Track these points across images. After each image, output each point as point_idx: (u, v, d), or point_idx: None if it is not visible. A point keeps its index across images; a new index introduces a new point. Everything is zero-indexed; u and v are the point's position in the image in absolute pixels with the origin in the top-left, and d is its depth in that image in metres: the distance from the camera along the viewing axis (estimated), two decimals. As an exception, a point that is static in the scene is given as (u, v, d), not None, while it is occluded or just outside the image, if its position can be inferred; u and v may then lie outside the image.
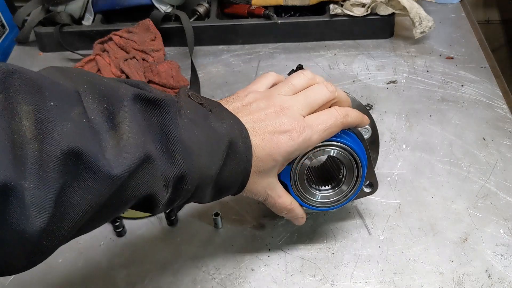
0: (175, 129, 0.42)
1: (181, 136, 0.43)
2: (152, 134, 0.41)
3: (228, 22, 1.00)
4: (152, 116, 0.42)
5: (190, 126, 0.44)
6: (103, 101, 0.39)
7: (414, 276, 0.61)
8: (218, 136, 0.46)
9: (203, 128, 0.46)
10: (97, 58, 0.87)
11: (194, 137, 0.44)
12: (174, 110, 0.43)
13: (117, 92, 0.40)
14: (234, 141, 0.48)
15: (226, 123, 0.48)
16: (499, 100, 0.85)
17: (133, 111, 0.40)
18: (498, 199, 0.69)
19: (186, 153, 0.43)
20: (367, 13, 0.96)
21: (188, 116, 0.45)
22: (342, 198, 0.61)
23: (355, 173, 0.59)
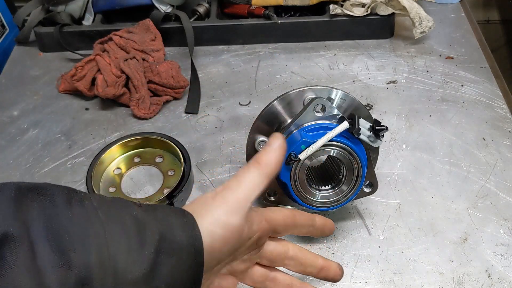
0: (65, 219, 0.34)
1: (77, 227, 0.34)
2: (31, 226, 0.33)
3: (228, 22, 1.00)
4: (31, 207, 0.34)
5: (94, 215, 0.35)
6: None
7: (414, 276, 0.61)
8: (140, 225, 0.37)
9: (117, 218, 0.36)
10: (97, 58, 0.87)
11: (99, 228, 0.35)
12: (66, 199, 0.35)
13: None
14: (169, 230, 0.38)
15: (160, 212, 0.39)
16: (499, 100, 0.85)
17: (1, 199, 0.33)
18: (498, 199, 0.69)
19: (85, 248, 0.33)
20: (367, 13, 0.96)
21: (94, 206, 0.36)
22: (342, 198, 0.61)
23: (355, 173, 0.59)
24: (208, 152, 0.79)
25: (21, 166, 0.78)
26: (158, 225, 0.38)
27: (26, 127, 0.85)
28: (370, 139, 0.58)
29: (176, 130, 0.83)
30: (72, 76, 0.88)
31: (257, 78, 0.92)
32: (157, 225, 0.38)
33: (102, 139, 0.82)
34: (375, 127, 0.57)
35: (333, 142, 0.56)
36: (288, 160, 0.56)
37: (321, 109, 0.59)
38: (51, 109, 0.89)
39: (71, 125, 0.85)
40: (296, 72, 0.93)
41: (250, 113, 0.85)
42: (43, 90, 0.93)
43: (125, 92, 0.86)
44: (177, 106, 0.88)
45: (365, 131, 0.57)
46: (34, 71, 0.97)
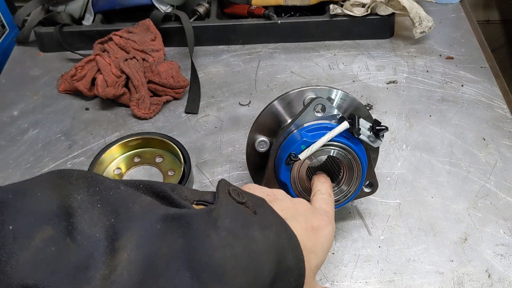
0: (208, 250, 0.34)
1: (215, 258, 0.34)
2: (170, 263, 0.33)
3: (228, 22, 1.00)
4: (175, 239, 0.33)
5: (227, 241, 0.35)
6: (111, 214, 0.32)
7: (414, 276, 0.61)
8: (263, 250, 0.37)
9: (245, 241, 0.36)
10: (97, 58, 0.87)
11: (232, 256, 0.35)
12: (206, 225, 0.35)
13: (131, 206, 0.33)
14: (282, 253, 0.39)
15: (273, 231, 0.39)
16: (499, 100, 0.85)
17: (145, 235, 0.32)
18: (498, 199, 0.69)
19: (222, 280, 0.34)
20: (367, 13, 0.96)
21: (227, 227, 0.36)
22: (342, 198, 0.61)
23: (355, 173, 0.59)
24: (208, 152, 0.79)
25: (21, 166, 0.78)
26: (275, 250, 0.38)
27: (26, 127, 0.85)
28: (370, 139, 0.58)
29: (176, 130, 0.83)
30: (72, 76, 0.88)
31: (257, 78, 0.92)
32: (274, 250, 0.38)
33: (102, 139, 0.82)
34: (375, 127, 0.57)
35: (333, 142, 0.56)
36: (288, 160, 0.56)
37: (321, 109, 0.59)
38: (51, 109, 0.89)
39: (71, 125, 0.85)
40: (296, 72, 0.93)
41: (250, 113, 0.85)
42: (43, 90, 0.93)
43: (125, 92, 0.86)
44: (177, 106, 0.88)
45: (365, 131, 0.57)
46: (34, 71, 0.97)
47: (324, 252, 0.46)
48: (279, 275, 0.38)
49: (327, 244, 0.46)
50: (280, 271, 0.38)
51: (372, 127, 0.57)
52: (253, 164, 0.66)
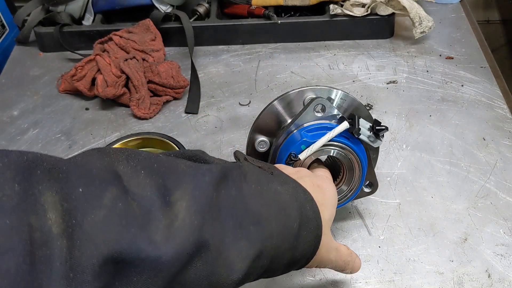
0: (244, 199, 0.39)
1: (251, 206, 0.39)
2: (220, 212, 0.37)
3: (228, 22, 1.00)
4: (220, 191, 0.38)
5: (257, 191, 0.41)
6: (158, 177, 0.35)
7: (414, 276, 0.61)
8: (287, 202, 0.43)
9: (271, 193, 0.42)
10: (97, 58, 0.87)
11: (264, 204, 0.40)
12: (239, 178, 0.40)
13: (175, 168, 0.37)
14: (302, 205, 0.44)
15: (290, 186, 0.45)
16: (499, 100, 0.85)
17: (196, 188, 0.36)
18: (498, 199, 0.69)
19: (260, 223, 0.39)
20: (367, 13, 0.96)
21: (254, 181, 0.41)
22: (342, 198, 0.61)
23: (355, 173, 0.59)
24: (208, 152, 0.79)
25: (21, 166, 0.78)
26: (295, 203, 0.43)
27: (26, 127, 0.85)
28: (370, 139, 0.58)
29: (176, 130, 0.83)
30: (72, 76, 0.88)
31: (257, 78, 0.92)
32: (295, 202, 0.43)
33: (102, 139, 0.82)
34: (375, 127, 0.57)
35: (333, 142, 0.56)
36: (288, 160, 0.56)
37: (321, 109, 0.59)
38: (51, 109, 0.89)
39: (71, 125, 0.85)
40: (296, 72, 0.93)
41: (250, 113, 0.85)
42: (43, 90, 0.93)
43: (125, 92, 0.86)
44: (177, 106, 0.88)
45: (365, 131, 0.57)
46: (34, 71, 0.97)
47: (333, 205, 0.50)
48: (303, 224, 0.43)
49: (333, 198, 0.51)
50: (303, 220, 0.43)
51: (372, 127, 0.57)
52: None
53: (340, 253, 0.51)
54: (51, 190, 0.30)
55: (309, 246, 0.44)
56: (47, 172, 0.30)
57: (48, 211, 0.29)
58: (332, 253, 0.50)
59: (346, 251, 0.52)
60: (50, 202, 0.29)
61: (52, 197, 0.29)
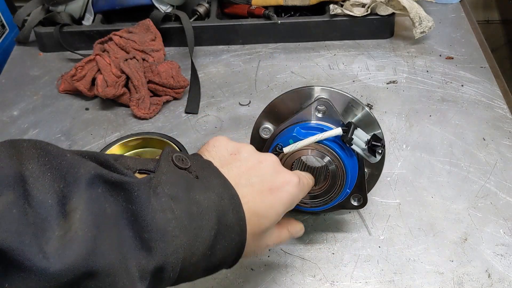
0: (149, 213, 0.37)
1: (156, 220, 0.37)
2: (118, 223, 0.36)
3: (228, 22, 1.00)
4: (117, 202, 0.36)
5: (169, 205, 0.39)
6: (60, 180, 0.34)
7: (414, 276, 0.61)
8: (204, 212, 0.41)
9: (186, 204, 0.40)
10: (97, 58, 0.87)
11: (173, 218, 0.38)
12: (146, 192, 0.38)
13: (76, 171, 0.35)
14: (223, 213, 0.42)
15: (214, 192, 0.43)
16: (499, 100, 0.85)
17: (91, 197, 0.35)
18: (498, 199, 0.69)
19: (163, 239, 0.37)
20: (367, 13, 0.96)
21: (167, 193, 0.39)
22: (321, 203, 0.60)
23: (337, 183, 0.58)
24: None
25: (21, 166, 0.78)
26: (215, 210, 0.42)
27: (26, 127, 0.85)
28: (365, 152, 0.57)
29: (176, 130, 0.83)
30: (72, 76, 0.88)
31: (257, 78, 0.92)
32: (215, 210, 0.42)
33: (102, 139, 0.82)
34: (371, 141, 0.57)
35: (321, 146, 0.56)
36: (273, 151, 0.57)
37: (323, 110, 0.59)
38: (51, 109, 0.89)
39: (71, 125, 0.85)
40: (296, 72, 0.93)
41: (250, 113, 0.85)
42: (43, 90, 0.93)
43: (125, 92, 0.86)
44: (177, 106, 0.88)
45: (361, 143, 0.56)
46: (34, 71, 0.97)
47: (278, 214, 0.48)
48: (220, 232, 0.42)
49: (284, 204, 0.48)
50: (221, 229, 0.42)
51: (369, 140, 0.57)
52: (255, 148, 0.66)
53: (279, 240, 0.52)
54: None
55: (229, 252, 0.44)
56: None
57: None
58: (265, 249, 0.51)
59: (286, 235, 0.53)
60: None
61: None
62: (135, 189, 0.37)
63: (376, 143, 0.57)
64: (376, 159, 0.58)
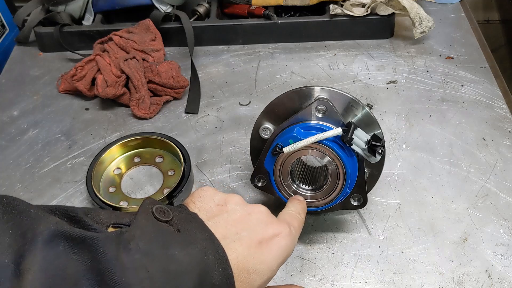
0: (117, 272, 0.33)
1: (126, 280, 0.33)
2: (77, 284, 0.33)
3: (228, 22, 1.00)
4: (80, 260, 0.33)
5: (142, 262, 0.35)
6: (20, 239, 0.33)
7: (414, 276, 0.61)
8: (183, 269, 0.37)
9: (162, 262, 0.36)
10: (97, 58, 0.87)
11: (146, 278, 0.35)
12: (114, 248, 0.35)
13: (35, 228, 0.33)
14: (206, 270, 0.38)
15: (197, 247, 0.39)
16: (499, 100, 0.85)
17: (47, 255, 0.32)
18: (498, 199, 0.69)
19: None
20: (367, 13, 0.96)
21: (141, 248, 0.36)
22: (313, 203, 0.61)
23: (338, 183, 0.58)
24: (208, 152, 0.79)
25: (21, 166, 0.78)
26: (198, 268, 0.38)
27: (26, 127, 0.85)
28: (365, 152, 0.57)
29: (176, 130, 0.83)
30: (72, 76, 0.88)
31: (257, 78, 0.92)
32: (197, 267, 0.38)
33: (102, 139, 0.82)
34: (371, 141, 0.57)
35: (322, 146, 0.56)
36: (273, 151, 0.57)
37: (323, 110, 0.59)
38: (51, 109, 0.89)
39: (71, 125, 0.85)
40: (296, 72, 0.93)
41: (250, 113, 0.85)
42: (43, 90, 0.93)
43: (125, 92, 0.86)
44: (177, 106, 0.88)
45: (361, 143, 0.56)
46: (34, 71, 0.97)
47: (271, 270, 0.44)
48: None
49: (277, 258, 0.45)
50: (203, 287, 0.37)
51: (369, 141, 0.57)
52: (255, 148, 0.67)
53: None
54: None
55: None
56: None
57: None
58: None
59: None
60: None
61: None
62: (100, 245, 0.34)
63: (376, 143, 0.57)
64: (376, 159, 0.58)
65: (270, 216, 0.47)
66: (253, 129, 0.65)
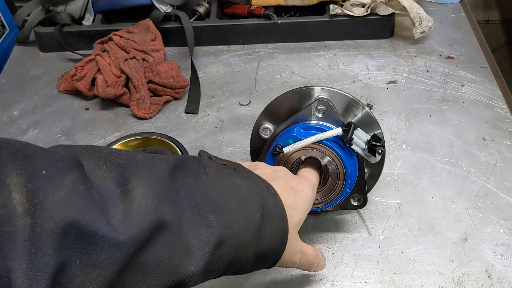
0: (202, 188, 0.40)
1: (210, 195, 0.40)
2: (177, 197, 0.38)
3: (228, 22, 1.00)
4: (176, 178, 0.39)
5: (218, 183, 0.42)
6: (118, 169, 0.37)
7: (414, 276, 0.61)
8: (248, 194, 0.44)
9: (230, 185, 0.43)
10: (97, 58, 0.87)
11: (224, 194, 0.42)
12: (197, 169, 0.42)
13: (134, 159, 0.38)
14: (265, 199, 0.45)
15: (253, 181, 0.46)
16: (499, 100, 0.85)
17: (151, 175, 0.38)
18: (498, 199, 0.69)
19: (219, 212, 0.40)
20: (367, 13, 0.96)
21: (214, 173, 0.43)
22: (321, 202, 0.60)
23: (338, 183, 0.58)
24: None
25: (21, 166, 0.78)
26: (258, 196, 0.44)
27: (26, 127, 0.85)
28: (365, 152, 0.57)
29: (176, 130, 0.83)
30: (72, 76, 0.88)
31: (257, 78, 0.92)
32: (257, 195, 0.44)
33: (102, 139, 0.82)
34: (371, 141, 0.57)
35: (322, 146, 0.56)
36: (274, 151, 0.57)
37: (323, 110, 0.59)
38: (51, 109, 0.89)
39: (71, 125, 0.85)
40: (296, 72, 0.93)
41: (250, 113, 0.85)
42: (43, 90, 0.93)
43: (125, 92, 0.86)
44: (177, 106, 0.88)
45: (361, 143, 0.56)
46: (34, 71, 0.97)
47: (305, 209, 0.50)
48: (265, 215, 0.44)
49: (306, 203, 0.51)
50: (265, 212, 0.44)
51: (369, 140, 0.57)
52: (255, 148, 0.67)
53: (306, 256, 0.52)
54: (15, 171, 0.31)
55: (275, 238, 0.45)
56: (12, 155, 0.32)
57: (13, 192, 0.30)
58: (297, 256, 0.50)
59: (312, 253, 0.53)
60: (15, 184, 0.31)
61: (17, 178, 0.31)
62: (191, 163, 0.41)
63: (376, 143, 0.57)
64: (376, 159, 0.58)
65: (290, 173, 0.54)
66: (253, 129, 0.65)
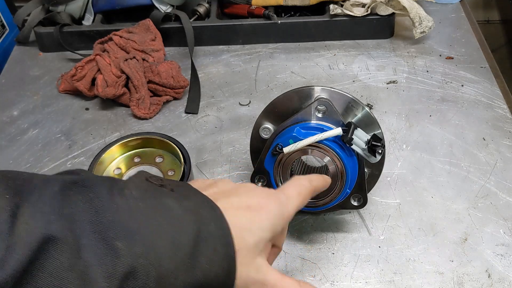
0: (110, 212, 0.34)
1: (121, 219, 0.34)
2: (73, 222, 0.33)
3: (228, 22, 1.00)
4: (71, 201, 0.34)
5: (136, 205, 0.36)
6: (15, 196, 0.33)
7: (414, 276, 0.61)
8: (180, 217, 0.38)
9: (157, 209, 0.37)
10: (97, 58, 0.87)
11: (142, 218, 0.36)
12: (106, 190, 0.36)
13: (30, 182, 0.35)
14: (203, 221, 0.39)
15: (191, 202, 0.40)
16: (499, 100, 0.85)
17: (41, 198, 0.34)
18: (498, 199, 0.69)
19: (130, 238, 0.34)
20: (367, 13, 0.96)
21: (135, 196, 0.37)
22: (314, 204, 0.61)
23: (337, 183, 0.59)
24: (208, 152, 0.79)
25: (21, 166, 0.78)
26: (193, 217, 0.38)
27: (26, 127, 0.85)
28: (365, 152, 0.57)
29: (176, 130, 0.83)
30: (72, 76, 0.88)
31: (257, 78, 0.93)
32: (191, 216, 0.38)
33: (102, 139, 0.82)
34: (371, 141, 0.57)
35: (322, 145, 0.56)
36: (273, 151, 0.57)
37: (323, 110, 0.59)
38: (51, 109, 0.89)
39: (71, 125, 0.85)
40: (296, 72, 0.93)
41: (250, 113, 0.85)
42: (43, 90, 0.93)
43: (125, 92, 0.86)
44: (177, 106, 0.88)
45: (361, 143, 0.57)
46: (34, 71, 0.97)
47: (266, 229, 0.43)
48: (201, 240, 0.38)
49: (268, 222, 0.43)
50: (201, 237, 0.38)
51: (369, 140, 0.57)
52: (255, 148, 0.67)
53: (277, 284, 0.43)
54: None
55: (217, 267, 0.38)
56: None
57: None
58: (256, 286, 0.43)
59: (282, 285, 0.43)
60: None
61: None
62: (97, 186, 0.36)
63: (376, 143, 0.57)
64: (376, 159, 0.58)
65: (258, 188, 0.47)
66: (253, 129, 0.65)
